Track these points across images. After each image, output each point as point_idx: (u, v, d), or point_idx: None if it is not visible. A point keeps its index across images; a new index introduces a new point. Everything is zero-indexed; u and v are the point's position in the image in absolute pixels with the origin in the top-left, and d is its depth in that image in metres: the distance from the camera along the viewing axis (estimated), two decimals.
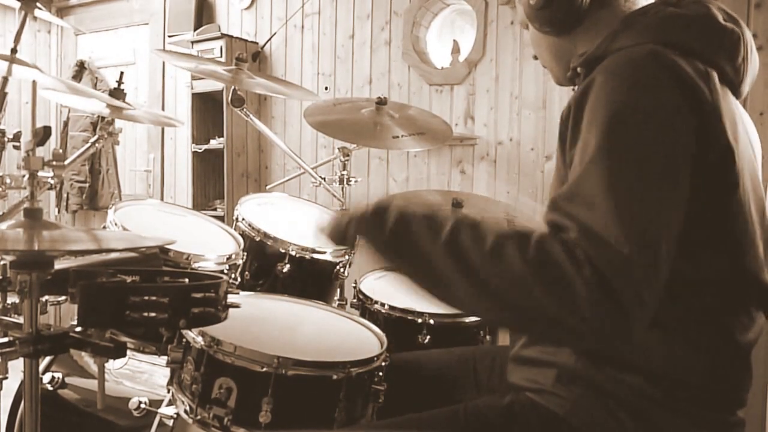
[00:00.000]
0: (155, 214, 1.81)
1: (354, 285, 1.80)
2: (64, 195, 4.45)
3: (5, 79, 1.77)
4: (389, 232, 0.93)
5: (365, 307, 1.72)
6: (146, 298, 0.91)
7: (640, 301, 0.79)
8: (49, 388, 1.74)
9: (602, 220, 0.81)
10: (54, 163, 1.17)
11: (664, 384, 0.95)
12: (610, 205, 0.81)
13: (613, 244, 0.79)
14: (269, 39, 3.81)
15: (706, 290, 0.94)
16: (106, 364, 1.05)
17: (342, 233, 1.02)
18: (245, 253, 1.72)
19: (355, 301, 1.77)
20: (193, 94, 3.80)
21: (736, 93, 1.01)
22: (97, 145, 1.93)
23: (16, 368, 1.00)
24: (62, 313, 4.13)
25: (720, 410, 0.98)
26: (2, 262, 1.01)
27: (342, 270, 1.82)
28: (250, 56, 3.73)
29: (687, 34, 0.96)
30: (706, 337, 0.95)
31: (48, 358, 1.79)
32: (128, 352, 1.46)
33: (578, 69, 1.07)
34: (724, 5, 1.02)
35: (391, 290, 1.74)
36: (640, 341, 0.92)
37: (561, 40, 1.11)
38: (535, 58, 1.21)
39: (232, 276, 1.64)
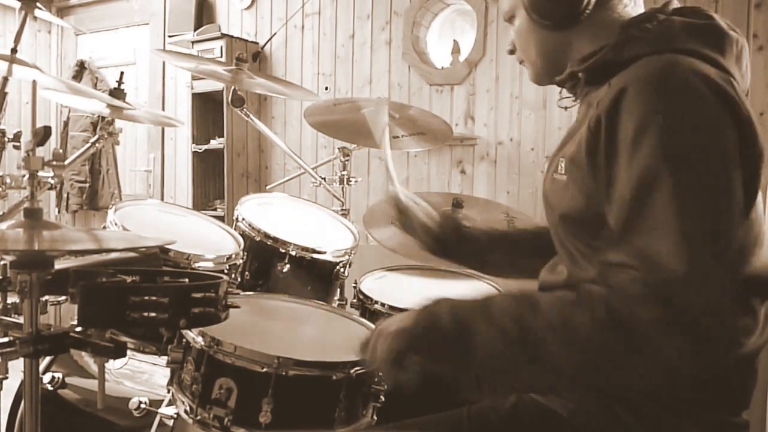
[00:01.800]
0: (155, 214, 1.81)
1: (354, 285, 1.80)
2: (64, 195, 4.45)
3: (5, 79, 1.77)
4: (452, 345, 0.90)
5: (365, 307, 1.72)
6: (146, 298, 0.91)
7: (721, 326, 0.79)
8: (49, 388, 1.74)
9: (677, 258, 0.79)
10: (54, 163, 1.17)
11: (668, 386, 0.94)
12: (681, 239, 0.80)
13: (690, 284, 0.78)
14: (269, 39, 3.81)
15: None
16: (106, 364, 1.05)
17: (398, 362, 0.97)
18: (245, 253, 1.72)
19: (355, 301, 1.77)
20: (193, 94, 3.81)
21: None
22: (97, 145, 1.93)
23: (16, 368, 1.00)
24: (62, 313, 4.13)
25: (724, 412, 0.98)
26: (2, 262, 1.01)
27: (342, 270, 1.82)
28: (251, 56, 3.73)
29: (704, 43, 0.95)
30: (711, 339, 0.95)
31: (48, 358, 1.79)
32: (128, 352, 1.46)
33: (579, 74, 1.06)
34: (727, 6, 1.02)
35: (391, 290, 1.74)
36: None
37: (556, 35, 1.07)
38: (511, 52, 1.17)
39: (232, 276, 1.64)
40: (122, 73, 1.91)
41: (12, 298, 1.09)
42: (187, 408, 1.19)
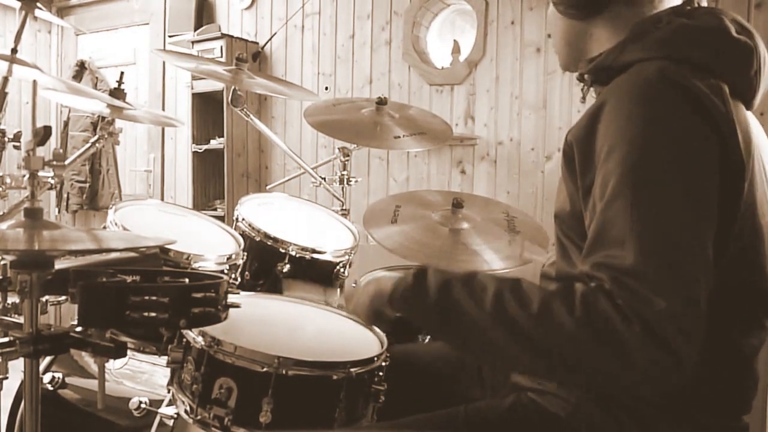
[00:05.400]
0: (155, 214, 1.81)
1: (354, 285, 1.80)
2: (65, 195, 4.45)
3: (6, 79, 1.77)
4: (433, 307, 0.94)
5: None
6: (146, 298, 0.91)
7: (690, 344, 0.79)
8: (50, 388, 1.74)
9: (638, 268, 0.80)
10: (54, 163, 1.17)
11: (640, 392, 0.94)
12: (643, 250, 0.80)
13: (654, 294, 0.78)
14: (269, 39, 3.81)
15: (711, 301, 0.93)
16: (106, 364, 1.05)
17: (379, 313, 1.07)
18: (245, 253, 1.72)
19: None
20: (194, 94, 3.81)
21: (748, 106, 0.99)
22: (97, 145, 1.93)
23: (17, 368, 1.00)
24: (62, 313, 4.13)
25: (724, 416, 0.98)
26: (2, 262, 1.01)
27: (342, 270, 1.82)
28: (251, 56, 3.73)
29: (697, 49, 0.94)
30: (709, 344, 0.94)
31: (48, 358, 1.79)
32: (128, 352, 1.46)
33: (585, 75, 1.06)
34: (727, 7, 1.01)
35: None
36: None
37: (578, 24, 1.08)
38: (549, 36, 1.21)
39: (232, 276, 1.64)
40: (122, 73, 1.91)
41: (12, 298, 1.09)
42: (187, 408, 1.19)
